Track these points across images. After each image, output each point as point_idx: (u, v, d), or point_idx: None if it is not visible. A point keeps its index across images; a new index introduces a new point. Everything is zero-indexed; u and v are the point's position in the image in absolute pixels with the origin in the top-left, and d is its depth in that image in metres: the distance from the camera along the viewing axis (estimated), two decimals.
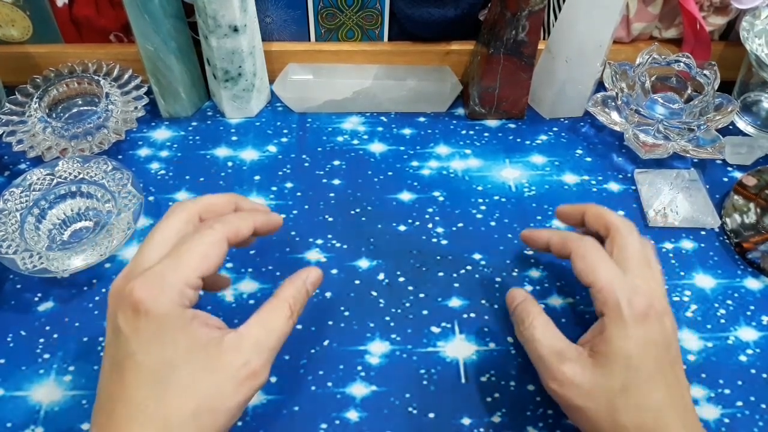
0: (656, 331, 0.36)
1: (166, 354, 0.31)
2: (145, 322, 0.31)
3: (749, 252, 0.50)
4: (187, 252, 0.34)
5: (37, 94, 0.54)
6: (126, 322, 0.32)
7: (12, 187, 0.48)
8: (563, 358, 0.36)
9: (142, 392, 0.31)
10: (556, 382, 0.36)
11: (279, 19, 0.59)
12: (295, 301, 0.36)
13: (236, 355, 0.33)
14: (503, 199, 0.53)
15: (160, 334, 0.32)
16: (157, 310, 0.31)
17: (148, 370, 0.31)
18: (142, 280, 0.32)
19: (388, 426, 0.40)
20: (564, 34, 0.55)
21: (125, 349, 0.32)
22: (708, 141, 0.54)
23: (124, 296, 0.32)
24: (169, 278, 0.32)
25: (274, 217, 0.40)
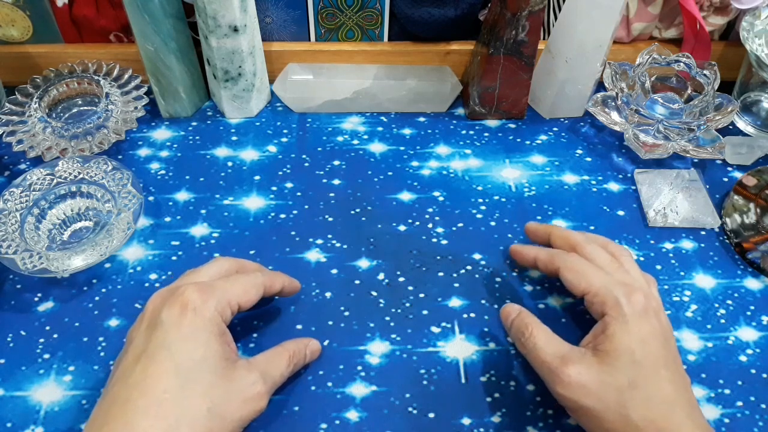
0: (655, 325, 0.37)
1: (197, 353, 0.35)
2: (190, 319, 0.35)
3: (749, 252, 0.50)
4: (236, 281, 0.39)
5: (37, 94, 0.54)
6: (170, 316, 0.35)
7: (12, 187, 0.48)
8: (567, 361, 0.37)
9: (164, 383, 0.33)
10: (562, 385, 0.36)
11: (279, 19, 0.59)
12: (294, 355, 0.40)
13: (247, 376, 0.36)
14: (503, 199, 0.53)
15: (198, 333, 0.35)
16: (203, 312, 0.36)
17: (179, 362, 0.34)
18: (196, 285, 0.37)
19: (388, 426, 0.40)
20: (564, 34, 0.55)
21: (161, 341, 0.35)
22: (708, 141, 0.54)
23: (176, 296, 0.36)
24: (218, 292, 0.37)
25: (295, 283, 0.44)
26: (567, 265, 0.41)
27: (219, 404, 0.34)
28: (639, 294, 0.38)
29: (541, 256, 0.43)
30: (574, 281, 0.40)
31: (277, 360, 0.39)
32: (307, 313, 0.45)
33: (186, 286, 0.37)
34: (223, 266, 0.41)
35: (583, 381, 0.36)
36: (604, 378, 0.35)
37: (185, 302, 0.36)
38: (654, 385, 0.35)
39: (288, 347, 0.40)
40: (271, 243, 0.50)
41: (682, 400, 0.35)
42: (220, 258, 0.42)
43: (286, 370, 0.39)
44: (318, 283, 0.47)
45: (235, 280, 0.39)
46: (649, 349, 0.36)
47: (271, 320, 0.45)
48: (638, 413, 0.34)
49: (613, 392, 0.35)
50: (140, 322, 0.37)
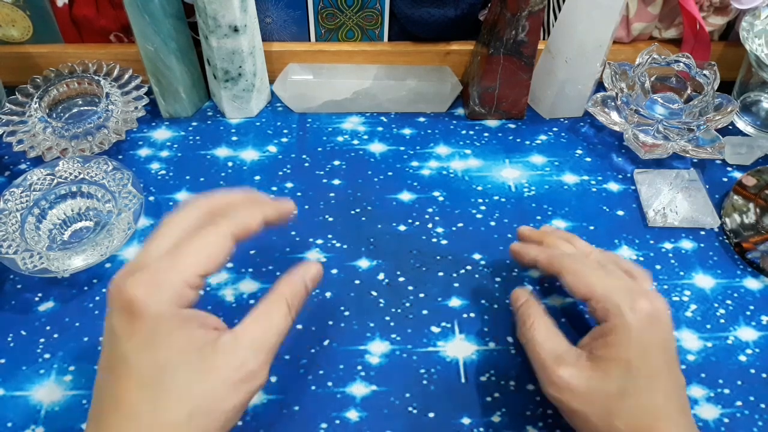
0: (658, 335, 0.36)
1: (159, 357, 0.30)
2: (139, 324, 0.30)
3: (749, 252, 0.50)
4: (187, 250, 0.32)
5: (37, 94, 0.54)
6: (120, 324, 0.31)
7: (12, 187, 0.48)
8: (561, 362, 0.36)
9: (134, 396, 0.30)
10: (553, 386, 0.36)
11: (279, 19, 0.59)
12: (293, 298, 0.35)
13: (232, 357, 0.31)
14: (503, 199, 0.54)
15: (153, 337, 0.30)
16: (151, 311, 0.30)
17: (141, 374, 0.30)
18: (137, 278, 0.31)
19: (388, 426, 0.40)
20: (564, 34, 0.55)
21: (119, 351, 0.31)
22: (708, 141, 0.54)
23: (120, 295, 0.31)
24: (165, 277, 0.31)
25: (284, 206, 0.38)
26: (568, 269, 0.39)
27: (202, 402, 0.31)
28: (644, 300, 0.36)
29: (541, 257, 0.42)
30: (574, 286, 0.38)
31: (271, 316, 0.34)
32: (307, 313, 0.45)
33: (128, 282, 0.31)
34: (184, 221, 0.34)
35: (573, 384, 0.35)
36: (593, 384, 0.35)
37: (129, 305, 0.30)
38: (645, 394, 0.34)
39: (282, 291, 0.35)
40: (271, 243, 0.50)
41: (671, 407, 0.35)
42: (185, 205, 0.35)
43: (285, 323, 0.34)
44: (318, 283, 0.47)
45: (190, 246, 0.33)
46: (648, 359, 0.35)
47: None
48: (624, 421, 0.34)
49: (601, 398, 0.35)
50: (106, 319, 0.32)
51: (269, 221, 0.37)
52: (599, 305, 0.37)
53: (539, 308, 0.40)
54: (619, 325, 0.36)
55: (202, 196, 0.36)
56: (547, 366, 0.37)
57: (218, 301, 0.46)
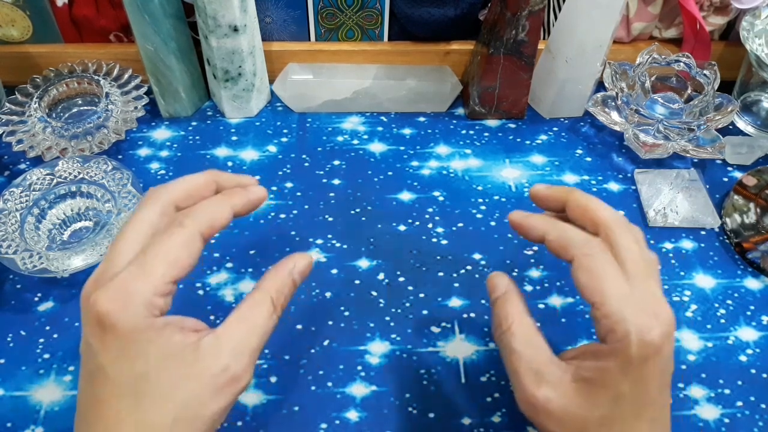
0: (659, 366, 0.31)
1: (136, 368, 0.29)
2: (112, 337, 0.29)
3: (749, 252, 0.50)
4: (154, 257, 0.30)
5: (37, 94, 0.54)
6: (93, 337, 0.30)
7: (12, 187, 0.48)
8: (541, 380, 0.32)
9: (115, 406, 0.29)
10: (528, 405, 0.32)
11: (279, 19, 0.59)
12: (279, 295, 0.33)
13: (214, 361, 0.30)
14: (503, 199, 0.53)
15: (128, 349, 0.29)
16: (123, 324, 0.29)
17: (120, 384, 0.29)
18: (105, 291, 0.29)
19: (388, 426, 0.40)
20: (564, 34, 0.55)
21: (96, 362, 0.30)
22: (708, 141, 0.54)
23: (90, 308, 0.30)
24: (134, 288, 0.30)
25: (254, 194, 0.35)
26: (584, 264, 0.32)
27: (185, 408, 0.29)
28: (656, 329, 0.30)
29: (553, 236, 0.34)
30: (585, 287, 0.32)
31: (255, 314, 0.32)
32: (307, 313, 0.45)
33: (96, 296, 0.29)
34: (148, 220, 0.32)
35: (550, 408, 0.31)
36: (575, 411, 0.31)
37: (100, 319, 0.29)
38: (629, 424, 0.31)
39: (267, 287, 0.33)
40: (271, 243, 0.50)
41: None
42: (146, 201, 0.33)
43: (270, 322, 0.32)
44: (318, 283, 0.47)
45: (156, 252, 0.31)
46: (641, 391, 0.30)
47: None
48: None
49: (578, 424, 0.31)
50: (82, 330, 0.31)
51: (238, 213, 0.34)
52: (605, 321, 0.31)
53: (519, 305, 0.34)
54: (620, 354, 0.30)
55: (162, 187, 0.34)
56: (524, 382, 0.32)
57: (218, 301, 0.46)
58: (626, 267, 0.32)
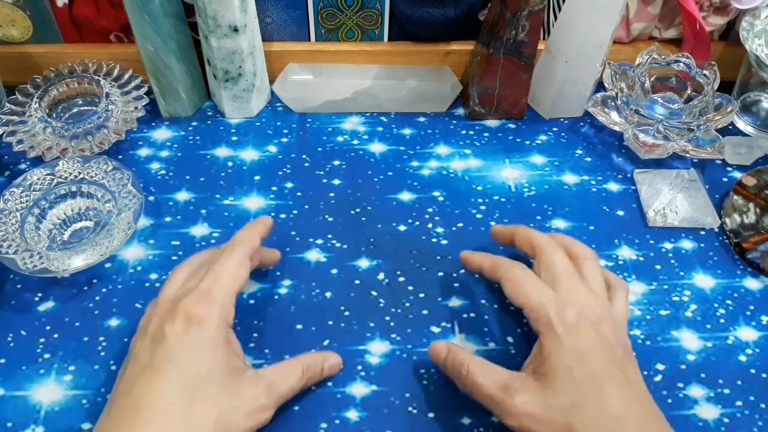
0: (592, 339, 0.36)
1: (203, 365, 0.35)
2: (195, 332, 0.35)
3: (749, 252, 0.50)
4: (222, 272, 0.38)
5: (37, 94, 0.54)
6: (174, 330, 0.35)
7: (12, 187, 0.48)
8: (512, 392, 0.36)
9: (171, 395, 0.33)
10: (511, 416, 0.35)
11: (279, 19, 0.59)
12: (308, 369, 0.40)
13: (252, 389, 0.36)
14: (503, 199, 0.54)
15: (203, 346, 0.35)
16: (207, 323, 0.36)
17: (183, 376, 0.34)
18: (194, 296, 0.36)
19: (388, 426, 0.40)
20: (564, 34, 0.55)
21: (165, 354, 0.34)
22: (708, 141, 0.54)
23: (177, 310, 0.36)
24: (215, 295, 0.37)
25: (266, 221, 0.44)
26: (508, 277, 0.40)
27: (225, 415, 0.34)
28: (570, 308, 0.37)
29: (486, 264, 0.42)
30: (512, 295, 0.39)
31: (288, 373, 0.39)
32: (307, 313, 0.46)
33: (187, 299, 0.36)
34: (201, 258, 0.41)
35: (530, 410, 0.35)
36: (548, 402, 0.35)
37: (188, 316, 0.35)
38: (598, 402, 0.34)
39: (302, 360, 0.40)
40: (271, 243, 0.50)
41: (634, 413, 0.34)
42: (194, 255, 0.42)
43: (297, 383, 0.39)
44: (318, 283, 0.47)
45: (223, 269, 0.38)
46: (588, 364, 0.35)
47: (271, 320, 0.45)
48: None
49: (559, 415, 0.34)
50: (143, 335, 0.37)
51: (263, 235, 0.43)
52: (531, 315, 0.38)
53: (465, 352, 0.39)
54: (549, 336, 0.36)
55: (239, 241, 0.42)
56: (499, 400, 0.36)
57: None
58: (550, 274, 0.39)
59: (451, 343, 0.41)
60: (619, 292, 0.41)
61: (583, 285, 0.39)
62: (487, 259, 0.43)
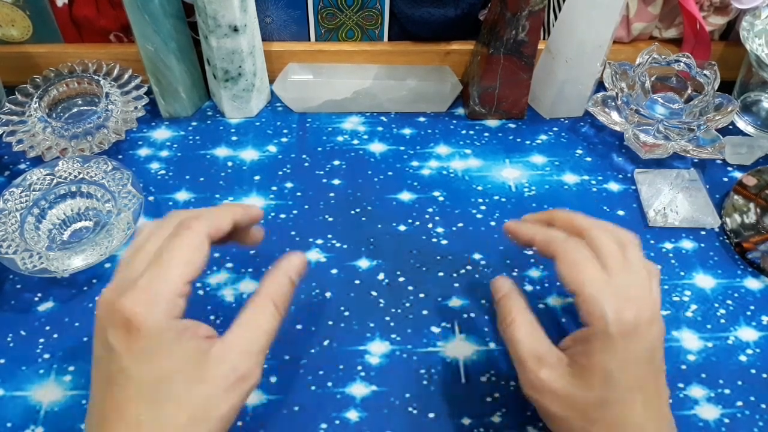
0: (642, 345, 0.34)
1: (158, 368, 0.31)
2: (137, 338, 0.31)
3: (749, 252, 0.50)
4: (170, 259, 0.33)
5: (37, 94, 0.54)
6: (117, 339, 0.31)
7: (12, 187, 0.48)
8: (542, 363, 0.35)
9: (135, 407, 0.31)
10: (532, 386, 0.35)
11: (279, 19, 0.59)
12: (278, 296, 0.35)
13: (223, 365, 0.32)
14: (503, 199, 0.53)
15: (152, 349, 0.31)
16: (150, 325, 0.31)
17: (141, 385, 0.31)
18: (130, 295, 0.32)
19: (388, 426, 0.40)
20: (564, 34, 0.55)
21: (117, 365, 0.31)
22: (708, 141, 0.54)
23: (114, 313, 0.31)
24: (157, 290, 0.32)
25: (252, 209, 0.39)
26: (565, 256, 0.36)
27: (198, 409, 0.32)
28: (631, 309, 0.34)
29: (539, 237, 0.38)
30: (567, 277, 0.36)
31: (258, 318, 0.34)
32: (307, 313, 0.45)
33: (122, 301, 0.31)
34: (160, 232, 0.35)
35: (554, 387, 0.34)
36: (574, 391, 0.34)
37: (127, 321, 0.31)
38: (625, 407, 0.33)
39: (267, 291, 0.35)
40: (271, 243, 0.50)
41: (653, 420, 0.34)
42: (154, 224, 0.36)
43: (273, 322, 0.35)
44: (318, 283, 0.47)
45: (171, 256, 0.33)
46: (629, 372, 0.34)
47: None
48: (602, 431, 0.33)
49: (581, 406, 0.34)
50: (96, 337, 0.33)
51: (238, 221, 0.37)
52: (584, 306, 0.35)
53: (521, 302, 0.38)
54: (600, 334, 0.34)
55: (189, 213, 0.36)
56: (527, 366, 0.35)
57: (218, 302, 0.46)
58: (604, 261, 0.36)
59: (514, 287, 0.39)
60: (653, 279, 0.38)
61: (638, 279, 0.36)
62: (540, 231, 0.39)
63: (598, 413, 0.33)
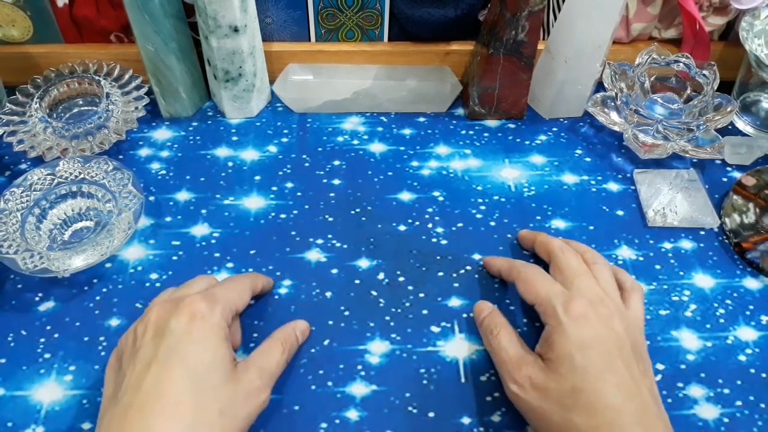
0: (599, 331, 0.38)
1: (207, 357, 0.36)
2: (199, 326, 0.37)
3: (748, 252, 0.50)
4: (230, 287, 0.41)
5: (37, 94, 0.54)
6: (179, 324, 0.37)
7: (13, 187, 0.48)
8: (522, 364, 0.39)
9: (178, 387, 0.35)
10: (516, 384, 0.38)
11: (279, 19, 0.59)
12: (286, 342, 0.42)
13: (245, 376, 0.38)
14: (503, 199, 0.54)
15: (207, 339, 0.37)
16: (211, 319, 0.38)
17: (188, 368, 0.35)
18: (201, 295, 0.39)
19: (388, 425, 0.40)
20: (563, 34, 0.55)
21: (172, 348, 0.36)
22: (707, 141, 0.54)
23: (183, 304, 0.37)
24: (221, 299, 0.39)
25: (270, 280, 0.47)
26: (520, 276, 0.43)
27: (229, 404, 0.36)
28: (579, 301, 0.39)
29: (504, 267, 0.46)
30: (524, 292, 0.42)
31: (270, 351, 0.41)
32: (307, 313, 0.46)
33: (192, 296, 0.38)
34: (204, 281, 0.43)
35: (535, 384, 0.38)
36: (550, 384, 0.37)
37: (193, 311, 0.37)
38: (597, 391, 0.35)
39: (277, 337, 0.42)
40: (271, 243, 0.50)
41: (631, 405, 0.35)
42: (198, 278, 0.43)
43: (281, 358, 0.41)
44: (318, 283, 0.47)
45: (229, 286, 0.42)
46: (590, 354, 0.37)
47: (271, 320, 0.45)
48: (582, 419, 0.35)
49: (559, 396, 0.36)
50: (143, 331, 0.37)
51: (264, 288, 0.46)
52: (540, 309, 0.40)
53: (502, 318, 0.43)
54: (555, 325, 0.38)
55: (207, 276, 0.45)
56: (511, 367, 0.39)
57: None
58: (564, 275, 0.42)
59: (494, 308, 0.44)
60: (633, 294, 0.43)
61: (596, 284, 0.41)
62: (505, 263, 0.46)
63: (573, 400, 0.36)
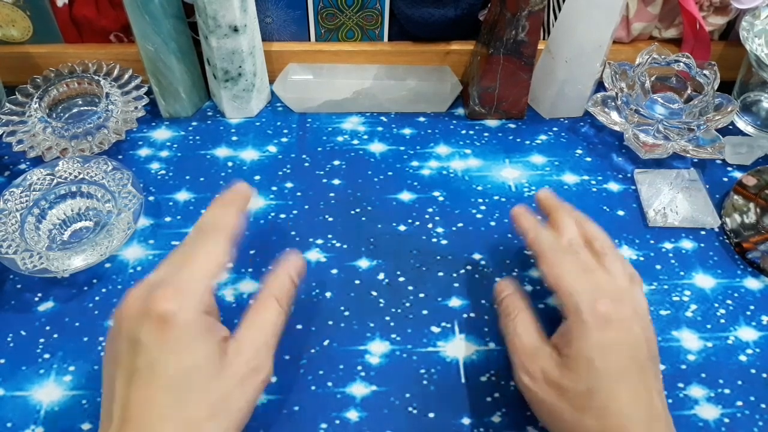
0: (618, 337, 0.36)
1: (185, 361, 0.33)
2: (169, 331, 0.33)
3: (749, 252, 0.50)
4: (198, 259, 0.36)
5: (37, 94, 0.54)
6: (149, 334, 0.33)
7: (12, 187, 0.48)
8: (537, 355, 0.38)
9: (161, 399, 0.32)
10: (528, 375, 0.37)
11: (279, 19, 0.59)
12: (281, 294, 0.38)
13: (238, 360, 0.35)
14: (503, 199, 0.54)
15: (181, 342, 0.33)
16: (181, 318, 0.33)
17: (169, 377, 0.33)
18: (162, 292, 0.34)
19: (388, 426, 0.40)
20: (564, 34, 0.55)
21: (145, 359, 0.33)
22: (708, 141, 0.54)
23: (148, 309, 0.33)
24: (188, 287, 0.34)
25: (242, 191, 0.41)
26: (544, 255, 0.40)
27: (220, 402, 0.34)
28: (605, 304, 0.36)
29: (530, 234, 0.42)
30: (546, 273, 0.39)
31: (264, 316, 0.37)
32: (307, 313, 0.45)
33: (157, 295, 0.33)
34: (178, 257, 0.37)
35: (548, 378, 0.36)
36: (565, 382, 0.36)
37: (162, 315, 0.33)
38: (611, 395, 0.35)
39: (270, 290, 0.38)
40: (271, 243, 0.50)
41: (642, 413, 0.35)
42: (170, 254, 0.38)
43: (279, 319, 0.37)
44: (318, 283, 0.47)
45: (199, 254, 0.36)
46: (609, 358, 0.35)
47: None
48: (593, 421, 0.34)
49: (571, 395, 0.35)
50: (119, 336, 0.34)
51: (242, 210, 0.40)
52: (562, 299, 0.38)
53: (523, 301, 0.41)
54: (576, 324, 0.36)
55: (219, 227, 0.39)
56: (524, 356, 0.38)
57: (218, 301, 0.46)
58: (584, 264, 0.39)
59: (517, 288, 0.42)
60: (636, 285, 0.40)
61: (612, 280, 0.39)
62: (532, 230, 0.42)
63: (586, 401, 0.35)
